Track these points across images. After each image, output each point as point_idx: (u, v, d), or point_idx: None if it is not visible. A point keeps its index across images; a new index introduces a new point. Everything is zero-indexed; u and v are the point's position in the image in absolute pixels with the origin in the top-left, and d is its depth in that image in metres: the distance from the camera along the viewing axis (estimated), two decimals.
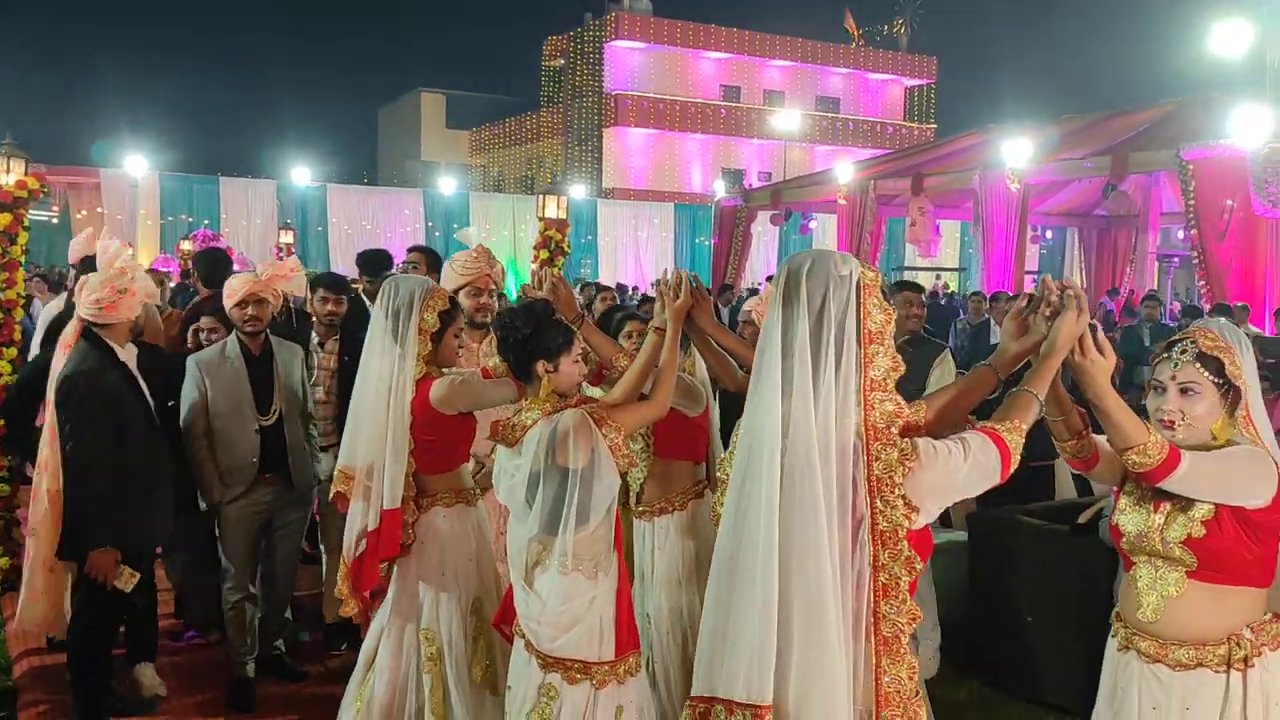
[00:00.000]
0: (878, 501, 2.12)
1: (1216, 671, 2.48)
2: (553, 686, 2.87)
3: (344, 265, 18.94)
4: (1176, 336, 2.61)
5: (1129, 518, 2.61)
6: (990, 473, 2.22)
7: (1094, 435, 2.63)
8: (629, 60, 36.80)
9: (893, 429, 2.15)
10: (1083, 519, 4.51)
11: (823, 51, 39.62)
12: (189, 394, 4.53)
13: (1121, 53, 56.99)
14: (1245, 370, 2.55)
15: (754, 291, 16.71)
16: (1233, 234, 11.32)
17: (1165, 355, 2.57)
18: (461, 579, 3.56)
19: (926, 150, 20.67)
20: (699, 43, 37.34)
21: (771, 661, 2.06)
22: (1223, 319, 2.82)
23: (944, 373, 5.29)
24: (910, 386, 5.07)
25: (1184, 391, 2.52)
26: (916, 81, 41.43)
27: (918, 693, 2.21)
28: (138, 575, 4.11)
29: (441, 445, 3.57)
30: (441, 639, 3.52)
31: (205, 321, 4.99)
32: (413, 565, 3.57)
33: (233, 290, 4.54)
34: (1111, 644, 2.69)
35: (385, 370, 3.54)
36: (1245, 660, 2.47)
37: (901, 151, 25.24)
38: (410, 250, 6.01)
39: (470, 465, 3.79)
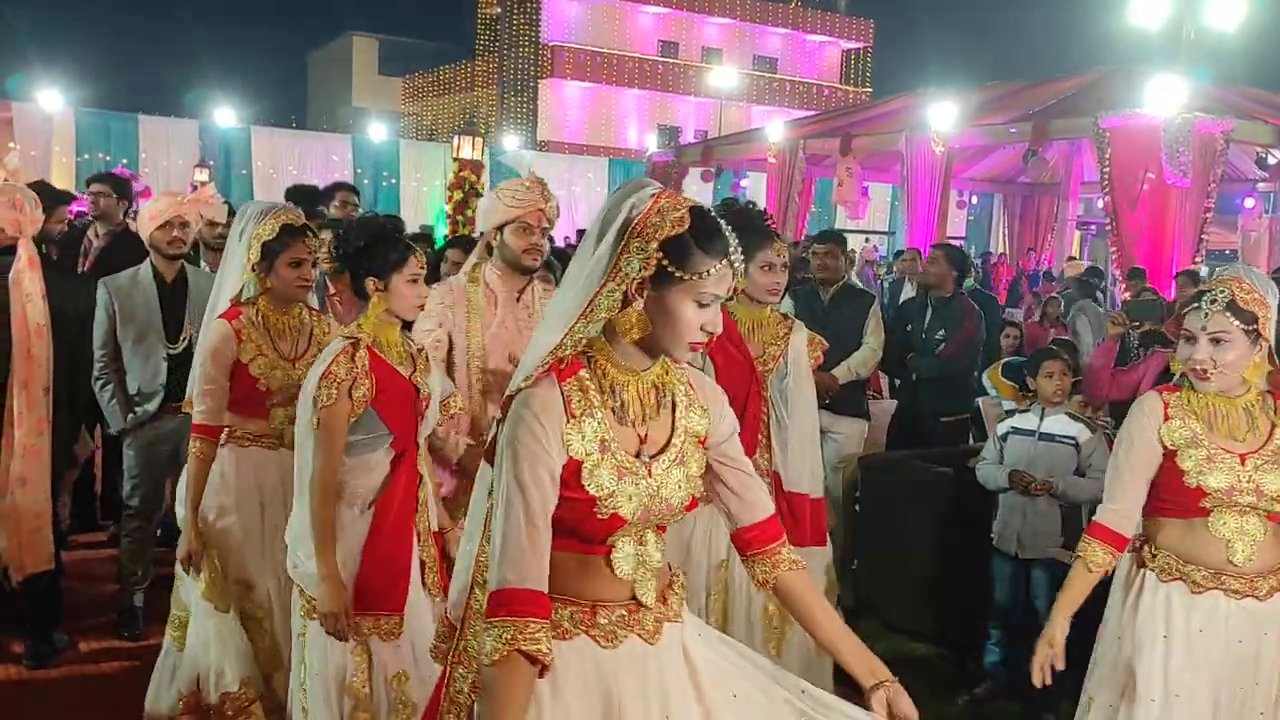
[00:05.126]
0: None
1: None
2: (302, 604, 2.92)
3: None
4: (1206, 286, 2.68)
5: (1213, 476, 2.63)
6: None
7: None
8: (566, 11, 36.29)
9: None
10: (971, 463, 4.66)
11: (761, 10, 39.42)
12: (98, 318, 4.42)
13: (1054, 20, 57.66)
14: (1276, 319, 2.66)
15: None
16: (1144, 202, 11.59)
17: (1195, 305, 2.66)
18: (227, 514, 3.44)
19: (856, 112, 20.75)
20: None
21: None
22: (1242, 266, 2.78)
23: (876, 323, 5.43)
24: (844, 334, 5.25)
25: (1215, 341, 2.62)
26: (853, 44, 41.49)
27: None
28: None
29: (225, 382, 3.41)
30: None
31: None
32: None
33: (157, 212, 4.39)
34: (1147, 578, 2.72)
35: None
36: None
37: (831, 112, 25.29)
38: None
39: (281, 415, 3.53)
